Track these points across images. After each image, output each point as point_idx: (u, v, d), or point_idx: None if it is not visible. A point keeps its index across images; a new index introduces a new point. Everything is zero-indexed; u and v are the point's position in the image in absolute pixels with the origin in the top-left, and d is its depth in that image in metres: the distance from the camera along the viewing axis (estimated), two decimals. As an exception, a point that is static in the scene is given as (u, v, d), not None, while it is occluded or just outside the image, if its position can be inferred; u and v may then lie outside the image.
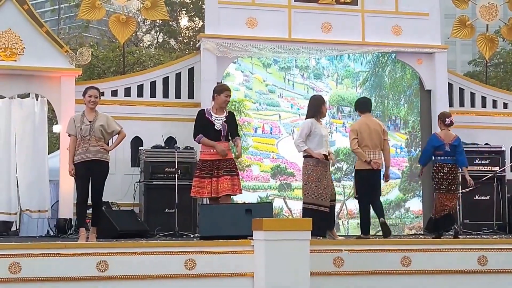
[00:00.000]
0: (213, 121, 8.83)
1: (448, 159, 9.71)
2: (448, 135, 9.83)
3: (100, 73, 22.14)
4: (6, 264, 7.09)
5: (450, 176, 9.69)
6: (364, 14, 13.03)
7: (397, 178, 13.05)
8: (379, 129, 9.37)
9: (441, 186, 9.69)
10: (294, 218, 11.88)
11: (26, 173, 11.68)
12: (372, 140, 9.17)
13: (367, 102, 9.83)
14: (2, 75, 11.61)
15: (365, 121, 9.28)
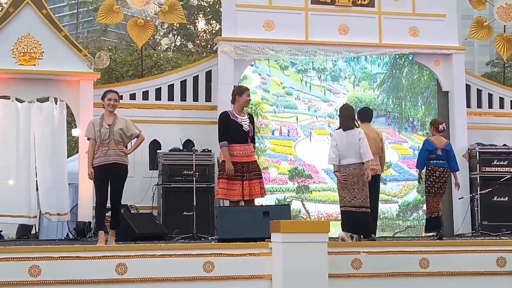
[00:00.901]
0: (240, 122, 8.92)
1: (440, 162, 10.35)
2: (440, 140, 10.48)
3: (118, 77, 22.26)
4: (26, 267, 7.16)
5: (442, 179, 10.34)
6: (381, 15, 13.00)
7: (415, 180, 12.96)
8: (377, 138, 9.92)
9: (431, 189, 10.32)
10: (312, 220, 11.87)
11: (46, 177, 11.76)
12: (371, 148, 9.17)
13: (369, 112, 10.30)
14: (22, 79, 11.71)
15: (364, 130, 9.32)
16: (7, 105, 11.77)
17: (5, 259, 7.17)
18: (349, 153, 8.88)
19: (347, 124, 9.01)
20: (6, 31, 11.63)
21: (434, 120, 11.06)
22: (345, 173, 8.92)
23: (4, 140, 11.63)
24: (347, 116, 9.11)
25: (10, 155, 11.60)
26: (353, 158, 8.88)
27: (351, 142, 8.90)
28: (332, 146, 9.03)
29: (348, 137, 8.94)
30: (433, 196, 10.33)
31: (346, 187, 8.93)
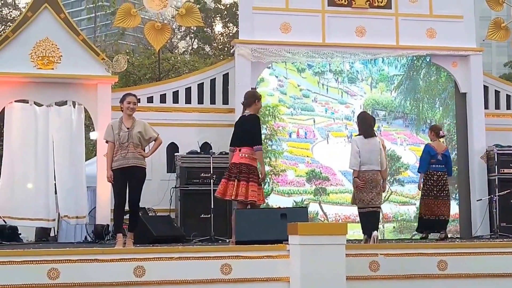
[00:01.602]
0: None
1: (439, 167, 10.72)
2: (439, 145, 10.85)
3: (136, 80, 22.37)
4: (45, 270, 7.20)
5: (440, 183, 10.67)
6: (398, 17, 12.97)
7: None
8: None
9: (430, 192, 10.66)
10: (329, 223, 11.85)
11: (64, 180, 11.83)
12: None
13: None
14: (40, 83, 11.79)
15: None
16: (25, 109, 11.85)
17: (24, 262, 7.22)
18: (370, 160, 9.26)
19: (368, 132, 9.38)
20: (24, 35, 11.71)
21: (434, 126, 11.27)
22: (364, 178, 9.26)
23: (22, 144, 11.71)
24: (368, 124, 9.46)
25: (29, 158, 11.68)
26: (374, 164, 9.28)
27: (373, 149, 9.31)
28: (355, 152, 9.30)
29: (370, 144, 9.30)
30: (433, 199, 10.63)
31: (365, 191, 9.27)
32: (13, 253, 7.47)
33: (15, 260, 7.22)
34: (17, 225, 11.51)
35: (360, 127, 9.58)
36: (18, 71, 11.59)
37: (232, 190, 8.57)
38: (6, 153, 11.74)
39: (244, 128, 8.71)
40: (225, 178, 8.72)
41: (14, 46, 11.67)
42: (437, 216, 10.73)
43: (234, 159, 8.71)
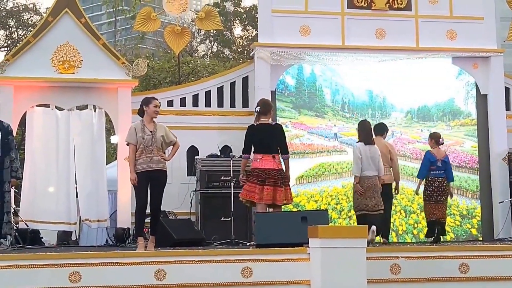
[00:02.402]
0: None
1: (439, 173, 10.88)
2: (439, 152, 11.00)
3: (156, 84, 22.46)
4: (66, 273, 7.24)
5: (440, 188, 10.86)
6: (418, 19, 12.91)
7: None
8: (385, 150, 10.60)
9: (431, 198, 10.87)
10: (350, 226, 11.81)
11: (85, 184, 11.90)
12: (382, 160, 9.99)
13: (383, 127, 11.08)
14: (61, 87, 11.88)
15: (376, 143, 10.02)
16: (47, 113, 11.95)
17: (46, 265, 7.27)
18: (371, 166, 9.60)
19: (369, 139, 9.72)
20: (45, 40, 11.81)
21: (434, 134, 11.35)
22: (369, 183, 9.60)
23: (44, 148, 11.80)
24: (369, 131, 9.84)
25: (50, 162, 11.77)
26: (375, 170, 9.63)
27: (373, 156, 9.64)
28: (357, 158, 9.61)
29: (370, 151, 9.64)
30: (434, 204, 10.83)
31: (368, 196, 9.59)
32: (35, 256, 7.52)
33: (37, 264, 7.27)
34: (39, 228, 11.60)
35: (360, 135, 9.85)
36: (39, 76, 11.69)
37: (283, 195, 8.90)
38: (28, 157, 11.83)
39: (277, 137, 9.02)
40: (271, 185, 8.83)
41: (35, 51, 11.77)
42: (438, 219, 10.91)
43: (270, 165, 8.88)
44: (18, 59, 11.72)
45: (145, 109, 8.73)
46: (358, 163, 9.55)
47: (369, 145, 9.66)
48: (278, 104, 12.54)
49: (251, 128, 9.13)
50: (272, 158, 8.90)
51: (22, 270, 7.21)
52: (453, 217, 12.77)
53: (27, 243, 10.84)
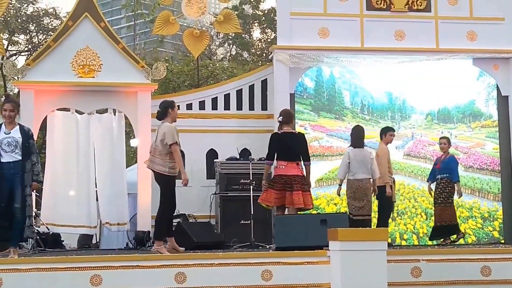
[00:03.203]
0: None
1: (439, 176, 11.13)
2: (443, 155, 11.28)
3: (175, 87, 22.53)
4: (87, 276, 7.29)
5: (446, 190, 11.05)
6: (437, 20, 12.83)
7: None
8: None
9: (437, 200, 11.14)
10: (370, 228, 11.75)
11: (105, 187, 11.95)
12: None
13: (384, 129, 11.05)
14: (81, 91, 11.94)
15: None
16: (67, 117, 12.01)
17: (67, 269, 7.31)
18: (362, 169, 9.92)
19: (358, 143, 10.08)
20: (65, 44, 11.88)
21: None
22: (354, 186, 9.94)
23: (64, 152, 11.86)
24: (358, 136, 10.16)
25: (71, 166, 11.83)
26: (365, 173, 9.93)
27: (364, 159, 9.94)
28: (345, 163, 10.05)
29: (361, 154, 9.97)
30: (443, 206, 11.06)
31: (356, 198, 9.92)
32: (57, 259, 7.57)
33: (58, 267, 7.32)
34: (59, 232, 11.65)
35: (352, 139, 10.28)
36: (59, 80, 11.76)
37: (309, 199, 9.23)
38: (48, 161, 11.90)
39: (300, 145, 9.36)
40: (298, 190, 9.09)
41: (55, 55, 11.84)
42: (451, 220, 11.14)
43: (294, 172, 9.19)
44: (38, 63, 11.80)
45: (170, 112, 8.94)
46: (344, 167, 10.05)
47: (359, 148, 10.03)
48: (297, 107, 12.52)
49: (276, 136, 9.45)
50: (296, 165, 9.25)
51: (43, 273, 7.27)
52: (474, 219, 12.68)
53: (48, 246, 10.89)
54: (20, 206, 7.99)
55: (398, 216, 12.46)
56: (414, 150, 12.93)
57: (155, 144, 8.95)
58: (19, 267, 7.30)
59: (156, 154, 8.91)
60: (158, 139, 8.92)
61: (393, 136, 10.81)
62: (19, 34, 22.87)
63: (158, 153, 8.91)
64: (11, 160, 8.06)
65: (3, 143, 8.08)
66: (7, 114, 8.17)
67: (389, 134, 10.79)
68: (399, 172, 12.63)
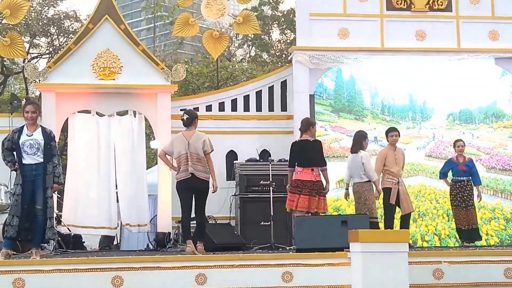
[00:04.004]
0: None
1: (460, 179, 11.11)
2: (461, 157, 11.22)
3: (194, 89, 22.54)
4: (109, 277, 7.31)
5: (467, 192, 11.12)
6: (459, 20, 12.74)
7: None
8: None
9: (454, 203, 11.18)
10: (391, 230, 11.69)
11: (126, 188, 11.99)
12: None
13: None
14: (102, 93, 11.99)
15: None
16: (88, 119, 12.07)
17: (89, 270, 7.34)
18: (355, 174, 10.15)
19: (353, 148, 10.32)
20: (86, 46, 11.94)
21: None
22: (354, 189, 10.21)
23: (85, 153, 11.92)
24: (354, 141, 10.39)
25: (92, 168, 11.88)
26: (358, 178, 10.13)
27: (355, 164, 10.15)
28: (347, 168, 10.41)
29: (354, 159, 10.21)
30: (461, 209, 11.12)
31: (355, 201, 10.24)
32: (78, 261, 7.60)
33: (80, 268, 7.35)
34: (81, 233, 11.73)
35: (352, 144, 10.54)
36: (80, 82, 11.83)
37: (315, 204, 9.40)
38: (70, 162, 11.97)
39: (315, 152, 9.63)
40: (306, 194, 9.44)
41: (76, 58, 11.91)
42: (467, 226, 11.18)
43: (308, 177, 9.49)
44: (59, 66, 11.87)
45: (196, 122, 9.16)
46: (346, 171, 10.41)
47: (354, 153, 10.26)
48: (316, 108, 12.49)
49: (293, 144, 9.85)
50: (311, 171, 9.53)
51: (65, 274, 7.30)
52: (497, 221, 12.56)
53: (69, 247, 10.97)
54: (42, 208, 8.03)
55: (420, 218, 12.38)
56: (435, 151, 12.84)
57: (190, 151, 8.91)
58: (41, 268, 7.33)
59: (195, 161, 8.91)
60: (196, 146, 8.93)
61: (394, 136, 10.55)
62: (40, 37, 22.99)
63: (196, 159, 8.92)
64: (32, 163, 8.10)
65: (25, 145, 8.13)
66: (29, 115, 8.21)
67: (390, 135, 10.62)
68: (420, 173, 12.56)
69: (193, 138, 8.96)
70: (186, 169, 8.84)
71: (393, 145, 10.56)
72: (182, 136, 9.00)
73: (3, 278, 7.19)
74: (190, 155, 8.86)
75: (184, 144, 8.91)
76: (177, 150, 8.92)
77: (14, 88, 29.11)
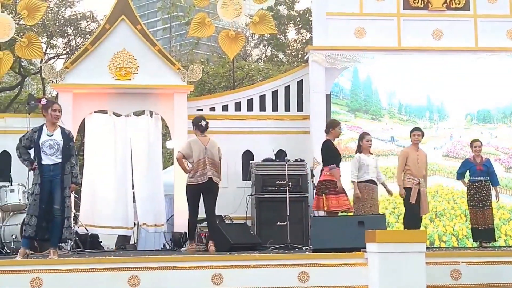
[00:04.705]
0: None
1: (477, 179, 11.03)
2: (478, 158, 11.12)
3: (210, 89, 22.58)
4: (125, 277, 7.33)
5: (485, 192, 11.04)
6: (476, 18, 12.65)
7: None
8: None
9: (471, 203, 11.09)
10: (408, 230, 11.63)
11: (142, 188, 12.02)
12: None
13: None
14: (118, 94, 12.03)
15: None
16: (104, 119, 12.11)
17: (106, 269, 7.36)
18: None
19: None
20: (102, 47, 11.99)
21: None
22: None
23: (102, 154, 11.96)
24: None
25: (108, 168, 11.92)
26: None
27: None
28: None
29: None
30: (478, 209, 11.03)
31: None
32: (96, 260, 7.63)
33: (97, 268, 7.37)
34: (98, 233, 11.77)
35: None
36: (97, 83, 11.87)
37: (323, 203, 9.72)
38: (86, 162, 12.02)
39: (321, 153, 9.97)
40: (315, 194, 9.95)
41: (93, 58, 11.95)
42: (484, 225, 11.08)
43: (321, 178, 9.93)
44: (76, 66, 11.92)
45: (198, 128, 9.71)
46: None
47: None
48: (333, 108, 12.45)
49: None
50: (323, 171, 9.91)
51: (82, 274, 7.33)
52: (515, 221, 12.49)
53: (86, 247, 11.01)
54: (59, 207, 8.07)
55: (437, 218, 12.31)
56: (452, 151, 12.77)
57: (207, 156, 9.51)
58: (59, 267, 7.37)
59: (211, 165, 9.53)
60: (213, 152, 9.56)
61: (416, 136, 10.57)
62: (57, 38, 23.11)
63: (212, 164, 9.55)
64: (51, 163, 8.14)
65: (45, 145, 8.15)
66: (56, 114, 8.27)
67: (412, 134, 10.68)
68: (437, 173, 12.49)
69: (210, 144, 9.60)
70: (205, 173, 9.44)
71: (416, 145, 10.52)
72: (199, 141, 9.58)
73: (21, 277, 7.23)
74: (208, 160, 9.46)
75: (202, 149, 9.51)
76: (196, 155, 9.42)
77: (31, 88, 29.29)
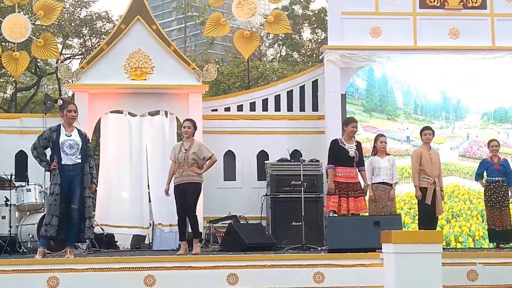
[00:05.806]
0: (347, 149, 9.57)
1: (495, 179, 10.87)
2: (495, 158, 11.00)
3: (225, 89, 22.58)
4: (141, 276, 7.34)
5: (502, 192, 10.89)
6: (493, 17, 12.57)
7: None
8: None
9: (488, 203, 10.93)
10: (424, 231, 11.57)
11: (158, 188, 12.00)
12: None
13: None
14: (134, 94, 12.06)
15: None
16: (120, 119, 12.15)
17: (122, 269, 7.37)
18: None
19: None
20: (118, 47, 12.02)
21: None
22: None
23: (118, 153, 12.00)
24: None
25: (124, 167, 11.96)
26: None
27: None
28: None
29: None
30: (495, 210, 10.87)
31: None
32: (111, 260, 7.66)
33: (113, 267, 7.39)
34: (113, 232, 11.80)
35: None
36: (112, 83, 11.90)
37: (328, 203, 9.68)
38: (103, 163, 12.05)
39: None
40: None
41: (108, 58, 12.00)
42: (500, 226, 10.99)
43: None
44: (92, 66, 11.97)
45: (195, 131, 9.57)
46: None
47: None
48: (348, 107, 12.42)
49: None
50: None
51: (98, 273, 7.35)
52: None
53: (102, 247, 11.03)
54: (77, 207, 8.09)
55: (453, 218, 12.24)
56: (469, 151, 12.69)
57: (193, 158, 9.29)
58: (75, 267, 7.39)
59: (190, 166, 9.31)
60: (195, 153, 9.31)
61: (428, 135, 10.36)
62: (73, 38, 23.19)
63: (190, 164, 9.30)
64: (70, 163, 8.14)
65: (65, 145, 8.16)
66: (72, 115, 8.28)
67: (423, 134, 10.47)
68: (454, 173, 12.42)
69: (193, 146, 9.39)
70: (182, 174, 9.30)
71: (427, 144, 10.41)
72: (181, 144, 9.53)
73: (38, 276, 7.27)
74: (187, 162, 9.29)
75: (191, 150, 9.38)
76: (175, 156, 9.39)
77: (47, 88, 29.41)
